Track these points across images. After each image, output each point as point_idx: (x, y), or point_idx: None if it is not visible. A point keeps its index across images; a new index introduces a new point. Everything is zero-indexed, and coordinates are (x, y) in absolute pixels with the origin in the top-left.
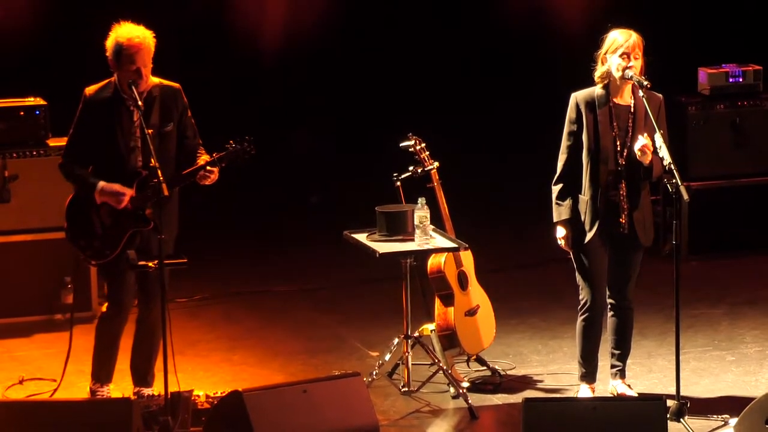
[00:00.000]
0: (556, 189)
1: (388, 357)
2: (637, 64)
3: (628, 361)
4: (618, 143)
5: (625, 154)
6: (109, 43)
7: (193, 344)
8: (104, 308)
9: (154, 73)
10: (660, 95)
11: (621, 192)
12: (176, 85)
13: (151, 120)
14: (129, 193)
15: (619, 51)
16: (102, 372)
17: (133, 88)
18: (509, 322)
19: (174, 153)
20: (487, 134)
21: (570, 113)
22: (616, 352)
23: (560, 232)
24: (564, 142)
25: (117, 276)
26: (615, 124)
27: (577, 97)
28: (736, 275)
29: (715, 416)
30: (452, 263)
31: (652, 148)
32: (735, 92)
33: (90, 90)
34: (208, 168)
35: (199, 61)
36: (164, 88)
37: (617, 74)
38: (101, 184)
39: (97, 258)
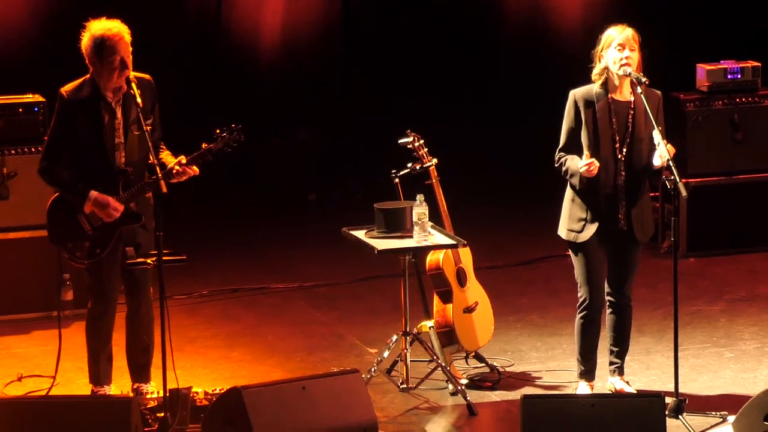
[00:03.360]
0: (559, 155)
1: (386, 354)
2: (633, 55)
3: (627, 358)
4: (617, 139)
5: (624, 150)
6: (86, 41)
7: (192, 341)
8: (89, 306)
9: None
10: (658, 92)
11: (620, 188)
12: (147, 76)
13: (133, 116)
14: (121, 208)
15: (614, 44)
16: (101, 373)
17: (133, 85)
18: (508, 319)
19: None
20: (487, 132)
21: (568, 110)
22: (615, 349)
23: (583, 161)
24: (563, 139)
25: (105, 273)
26: (614, 120)
27: (576, 94)
28: (735, 272)
29: (713, 413)
30: (451, 260)
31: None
32: (733, 88)
33: (66, 89)
34: (187, 166)
35: (198, 57)
36: (138, 80)
37: (615, 68)
38: (93, 194)
39: (87, 258)
